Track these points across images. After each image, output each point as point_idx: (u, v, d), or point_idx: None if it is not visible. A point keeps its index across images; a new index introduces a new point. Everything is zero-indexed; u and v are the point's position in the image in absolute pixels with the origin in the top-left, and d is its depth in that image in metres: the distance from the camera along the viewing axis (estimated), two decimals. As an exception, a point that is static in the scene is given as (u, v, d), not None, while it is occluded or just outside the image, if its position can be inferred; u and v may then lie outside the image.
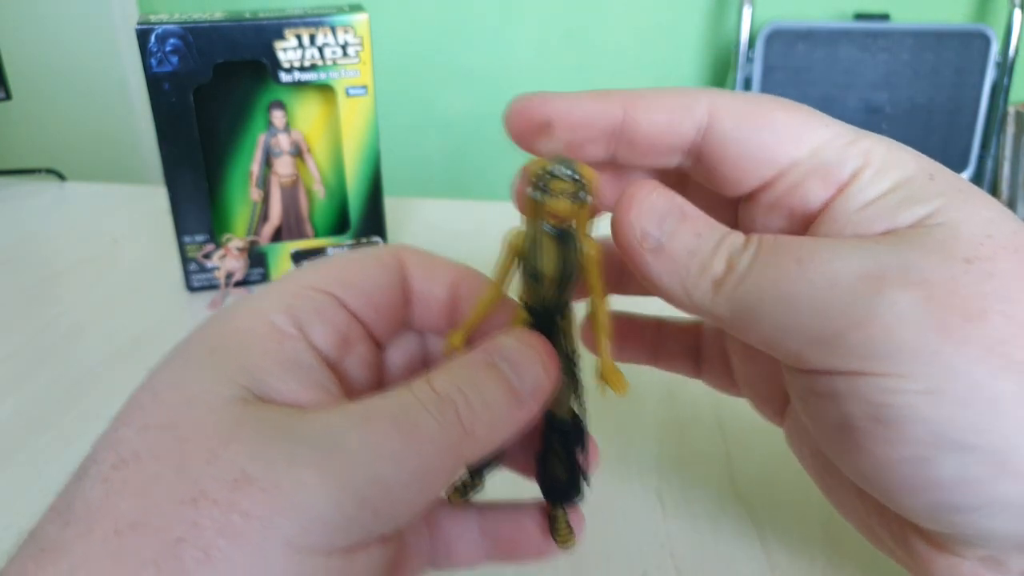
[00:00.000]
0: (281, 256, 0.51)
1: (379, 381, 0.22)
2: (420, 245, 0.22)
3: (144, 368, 0.18)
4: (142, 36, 0.43)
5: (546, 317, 0.20)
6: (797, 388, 0.19)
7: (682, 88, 0.21)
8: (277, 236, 0.51)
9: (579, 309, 0.21)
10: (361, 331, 0.21)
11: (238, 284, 0.50)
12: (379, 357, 0.22)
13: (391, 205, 0.54)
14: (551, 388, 0.19)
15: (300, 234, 0.52)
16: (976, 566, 0.19)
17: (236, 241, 0.49)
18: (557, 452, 0.21)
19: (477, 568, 0.23)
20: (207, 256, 0.49)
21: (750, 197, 0.21)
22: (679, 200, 0.20)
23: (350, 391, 0.21)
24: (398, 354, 0.23)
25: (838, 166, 0.19)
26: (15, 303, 0.49)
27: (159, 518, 0.14)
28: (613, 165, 0.22)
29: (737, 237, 0.19)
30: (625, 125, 0.21)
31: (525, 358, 0.19)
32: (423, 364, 0.23)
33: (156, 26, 0.43)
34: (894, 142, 0.20)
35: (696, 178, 0.22)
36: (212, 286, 0.49)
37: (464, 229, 0.59)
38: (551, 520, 0.22)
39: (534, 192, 0.18)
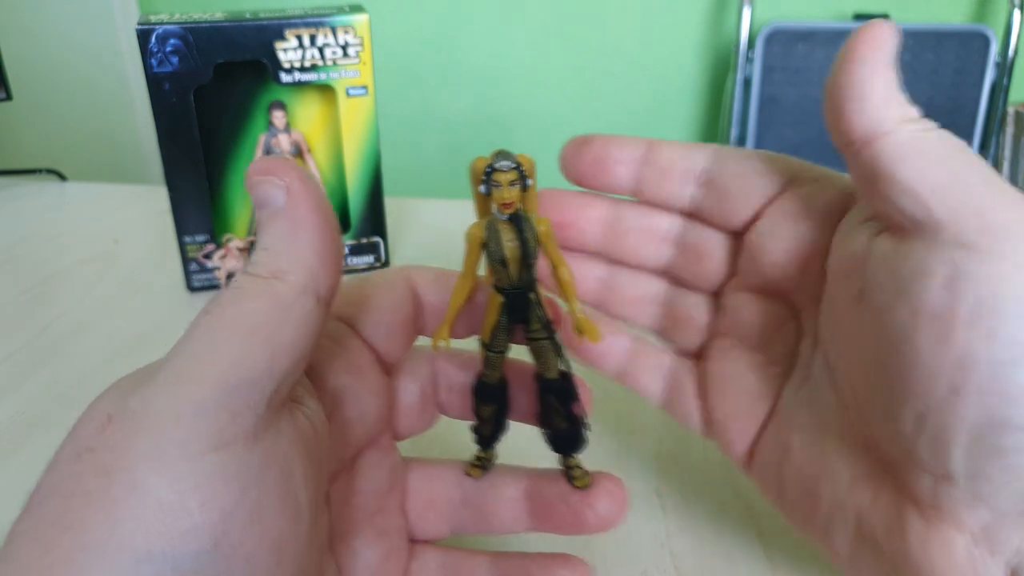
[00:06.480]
0: (281, 256, 0.51)
1: (390, 406, 0.24)
2: (420, 245, 0.23)
3: (145, 368, 0.18)
4: (142, 36, 0.43)
5: (519, 295, 0.21)
6: (876, 274, 0.19)
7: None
8: (277, 236, 0.51)
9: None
10: (371, 358, 0.23)
11: (238, 284, 0.50)
12: (388, 383, 0.24)
13: (391, 205, 0.54)
14: (299, 182, 0.18)
15: (300, 234, 0.52)
16: (971, 545, 0.19)
17: (237, 241, 0.49)
18: (555, 408, 0.22)
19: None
20: (208, 256, 0.49)
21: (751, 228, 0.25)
22: None
23: (361, 416, 0.22)
24: (409, 378, 0.24)
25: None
26: (15, 303, 0.49)
27: (59, 483, 0.16)
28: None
29: None
30: (649, 156, 0.26)
31: (263, 194, 0.19)
32: (432, 385, 0.25)
33: (156, 26, 0.43)
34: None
35: (707, 216, 0.26)
36: (213, 286, 0.49)
37: (464, 229, 0.58)
38: (567, 469, 0.23)
39: (484, 188, 0.20)
